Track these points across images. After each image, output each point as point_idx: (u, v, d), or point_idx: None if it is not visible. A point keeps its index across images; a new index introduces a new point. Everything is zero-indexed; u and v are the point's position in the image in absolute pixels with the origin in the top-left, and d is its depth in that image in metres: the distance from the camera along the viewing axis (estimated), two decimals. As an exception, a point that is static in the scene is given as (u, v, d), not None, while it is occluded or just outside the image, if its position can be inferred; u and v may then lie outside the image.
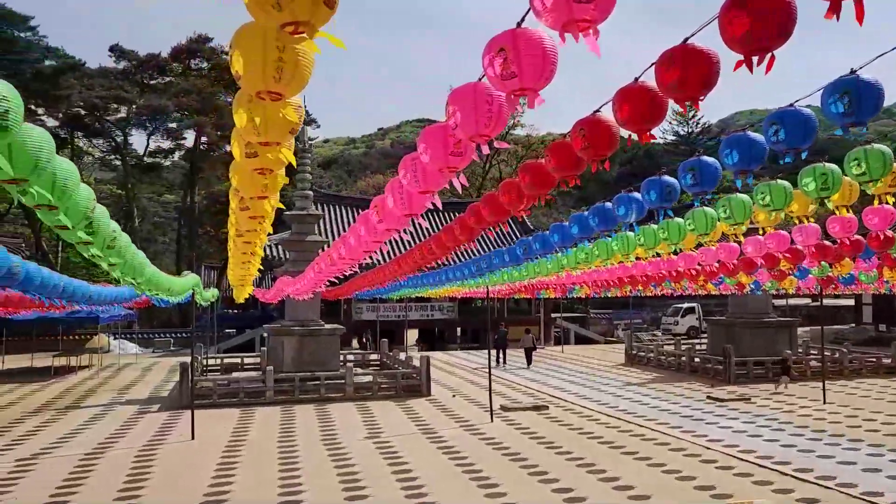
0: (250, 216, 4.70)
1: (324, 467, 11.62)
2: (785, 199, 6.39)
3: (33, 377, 25.22)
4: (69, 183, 3.60)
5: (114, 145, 57.87)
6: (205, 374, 22.67)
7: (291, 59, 2.68)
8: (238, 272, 11.06)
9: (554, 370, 26.48)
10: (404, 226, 5.42)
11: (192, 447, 13.29)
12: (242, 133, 3.24)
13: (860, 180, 5.58)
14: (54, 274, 8.05)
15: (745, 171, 5.15)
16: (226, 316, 41.96)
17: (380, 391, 19.45)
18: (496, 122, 3.53)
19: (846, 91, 4.11)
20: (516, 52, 3.00)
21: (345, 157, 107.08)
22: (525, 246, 9.56)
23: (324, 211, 36.96)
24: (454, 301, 38.53)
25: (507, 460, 11.91)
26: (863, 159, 5.36)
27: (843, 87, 4.13)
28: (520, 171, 5.73)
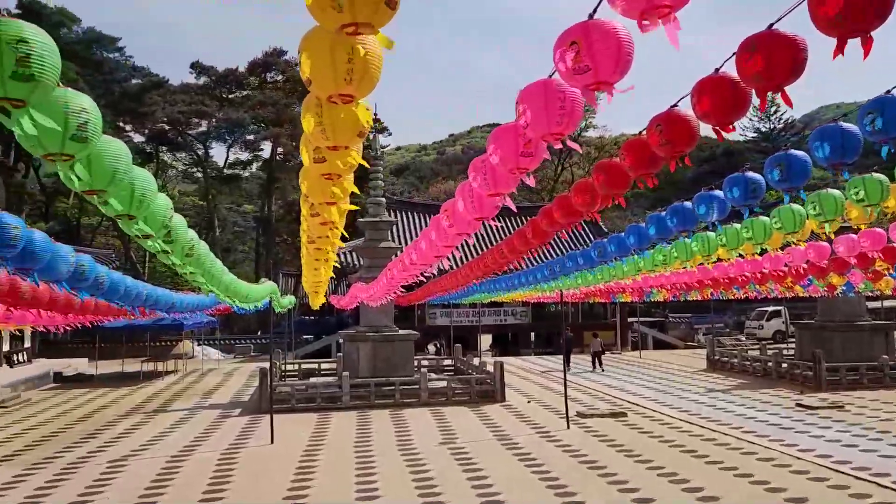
0: (321, 222, 4.71)
1: (399, 473, 11.63)
2: (881, 193, 5.97)
3: (123, 382, 26.41)
4: (147, 193, 3.67)
5: (195, 158, 60.29)
6: (283, 379, 23.17)
7: (361, 59, 2.64)
8: (311, 278, 11.23)
9: (631, 376, 25.85)
10: (475, 230, 5.33)
11: (271, 451, 13.55)
12: (311, 138, 3.23)
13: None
14: (138, 283, 8.36)
15: (838, 165, 4.83)
16: (303, 322, 42.87)
17: (454, 397, 19.40)
18: (569, 120, 3.40)
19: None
20: (589, 44, 2.87)
21: (416, 163, 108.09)
22: (599, 248, 9.32)
23: (396, 217, 37.33)
24: (527, 305, 38.19)
25: (585, 468, 11.63)
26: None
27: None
28: (594, 171, 5.55)
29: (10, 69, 2.23)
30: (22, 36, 2.25)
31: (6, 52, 2.22)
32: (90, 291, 6.45)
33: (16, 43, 2.23)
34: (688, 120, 4.14)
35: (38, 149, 2.77)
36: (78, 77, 44.56)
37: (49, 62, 2.33)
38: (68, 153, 2.83)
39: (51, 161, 2.89)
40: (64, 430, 16.55)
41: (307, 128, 3.09)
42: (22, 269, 4.78)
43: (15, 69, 2.23)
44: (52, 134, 2.69)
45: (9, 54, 2.22)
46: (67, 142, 2.77)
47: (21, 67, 2.24)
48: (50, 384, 26.97)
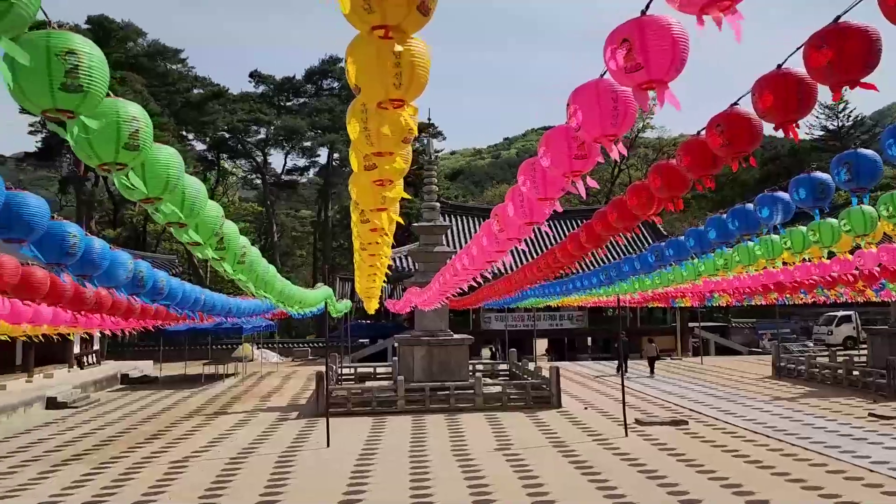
0: (371, 228, 4.69)
1: (454, 478, 11.57)
2: (962, 192, 5.62)
3: (186, 384, 27.14)
4: (198, 200, 3.71)
5: (254, 165, 61.70)
6: (339, 382, 23.41)
7: (408, 62, 2.59)
8: (365, 283, 11.28)
9: (692, 383, 25.18)
10: (526, 234, 5.23)
11: (327, 454, 13.68)
12: (356, 144, 3.20)
13: None
14: (196, 288, 8.55)
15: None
16: (359, 326, 43.30)
17: (509, 402, 19.25)
18: (622, 121, 3.28)
19: None
20: (642, 41, 2.75)
21: (471, 168, 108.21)
22: (657, 252, 9.07)
23: (451, 222, 37.35)
24: (584, 310, 37.66)
25: (644, 477, 11.34)
26: None
27: None
28: (650, 173, 5.38)
29: (59, 80, 2.26)
30: (71, 47, 2.28)
31: (55, 63, 2.25)
32: (149, 297, 6.63)
33: (65, 55, 2.26)
34: (749, 119, 3.96)
35: (93, 159, 2.81)
36: (143, 88, 46.20)
37: (97, 73, 2.36)
38: (122, 162, 2.86)
39: (105, 171, 2.93)
40: (129, 430, 17.08)
41: (353, 134, 3.07)
42: (82, 275, 4.94)
43: (64, 80, 2.27)
44: (105, 144, 2.73)
45: (58, 66, 2.25)
46: (120, 151, 2.81)
47: (70, 78, 2.28)
48: (117, 385, 27.95)
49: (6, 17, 1.97)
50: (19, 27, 2.05)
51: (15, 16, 1.98)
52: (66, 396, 21.95)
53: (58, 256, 4.24)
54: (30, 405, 20.28)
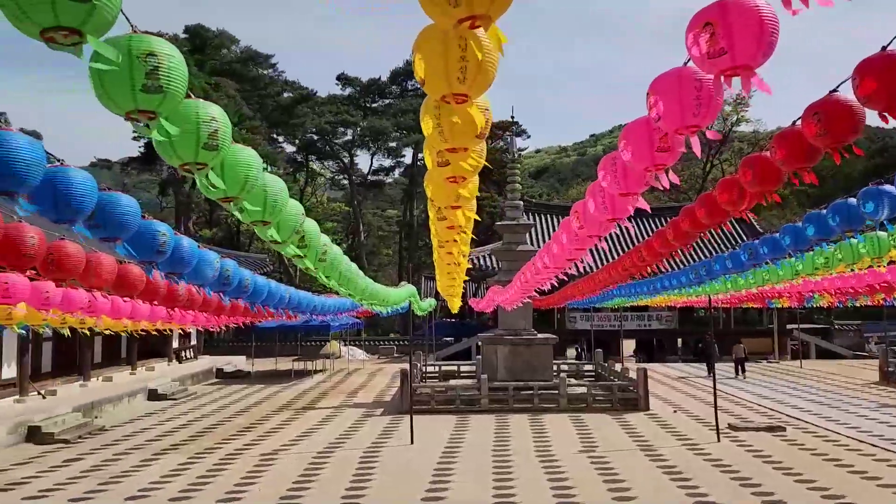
0: (447, 226, 4.67)
1: (537, 479, 11.44)
2: None
3: (276, 379, 28.06)
4: (279, 199, 3.79)
5: (342, 166, 63.15)
6: (424, 380, 23.61)
7: (474, 57, 2.54)
8: (445, 281, 11.30)
9: (790, 387, 23.98)
10: (607, 232, 5.08)
11: (411, 451, 13.80)
12: (430, 141, 3.17)
13: None
14: (281, 286, 8.79)
15: None
16: (444, 325, 43.57)
17: (594, 403, 18.88)
18: (706, 110, 3.11)
19: None
20: (726, 24, 2.59)
21: (556, 165, 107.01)
22: (751, 250, 8.66)
23: (534, 220, 37.02)
24: (673, 310, 36.53)
25: (737, 485, 10.86)
26: None
27: None
28: (741, 166, 5.13)
29: (140, 82, 2.34)
30: (151, 49, 2.36)
31: (137, 66, 2.33)
32: (235, 294, 6.86)
33: (145, 57, 2.34)
34: (850, 107, 3.70)
35: (174, 158, 2.90)
36: (236, 93, 48.09)
37: (177, 74, 2.43)
38: (201, 161, 2.95)
39: (186, 170, 3.02)
40: (223, 422, 17.78)
41: (426, 130, 3.05)
42: (171, 273, 5.15)
43: (145, 82, 2.34)
44: (186, 144, 2.82)
45: (139, 68, 2.33)
46: (200, 150, 2.89)
47: (150, 80, 2.35)
48: (212, 379, 29.20)
49: (91, 19, 2.05)
50: (103, 28, 2.13)
51: (99, 17, 2.06)
52: (166, 389, 23.11)
53: (149, 254, 4.43)
54: (133, 396, 21.46)
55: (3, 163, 3.07)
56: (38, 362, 19.35)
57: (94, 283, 5.55)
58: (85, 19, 2.03)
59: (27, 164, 3.13)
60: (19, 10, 1.94)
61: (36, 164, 3.18)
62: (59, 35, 2.03)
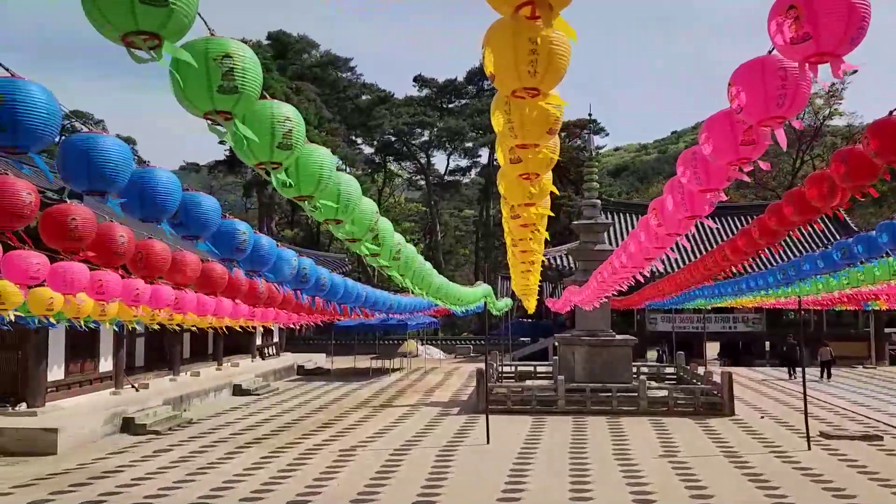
0: (521, 224, 4.62)
1: (616, 483, 11.21)
2: None
3: (355, 376, 28.58)
4: (352, 197, 3.83)
5: (419, 166, 63.74)
6: (500, 380, 23.54)
7: (545, 49, 2.49)
8: (519, 281, 11.21)
9: (889, 394, 22.64)
10: (687, 229, 4.90)
11: (487, 451, 13.77)
12: (501, 137, 3.14)
13: None
14: (357, 285, 8.93)
15: None
16: (520, 325, 43.31)
17: (676, 407, 18.35)
18: (792, 101, 2.94)
19: None
20: (811, 7, 2.44)
21: (636, 164, 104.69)
22: (845, 249, 8.21)
23: (613, 219, 36.30)
24: (761, 312, 35.10)
25: (829, 496, 10.34)
26: None
27: None
28: (832, 160, 4.85)
29: (217, 83, 2.41)
30: (227, 52, 2.42)
31: (213, 67, 2.40)
32: (312, 292, 7.01)
33: (221, 59, 2.40)
34: (954, 92, 3.44)
35: (250, 158, 2.98)
36: (317, 97, 49.28)
37: (251, 74, 2.49)
38: (276, 161, 3.01)
39: (262, 169, 3.09)
40: (304, 418, 18.24)
41: (496, 126, 3.01)
42: (251, 270, 5.32)
43: (221, 83, 2.41)
44: (261, 143, 2.88)
45: (215, 69, 2.40)
46: (275, 150, 2.95)
47: (226, 81, 2.42)
48: (294, 376, 30.02)
49: (169, 23, 2.12)
50: (181, 32, 2.20)
51: (176, 21, 2.14)
52: (250, 384, 23.90)
53: (230, 252, 4.58)
54: (219, 391, 22.29)
55: (94, 164, 3.23)
56: (131, 357, 20.35)
57: (180, 279, 5.78)
58: (163, 23, 2.10)
59: (116, 165, 3.28)
60: (101, 15, 2.02)
61: (124, 164, 3.33)
62: (138, 39, 2.11)
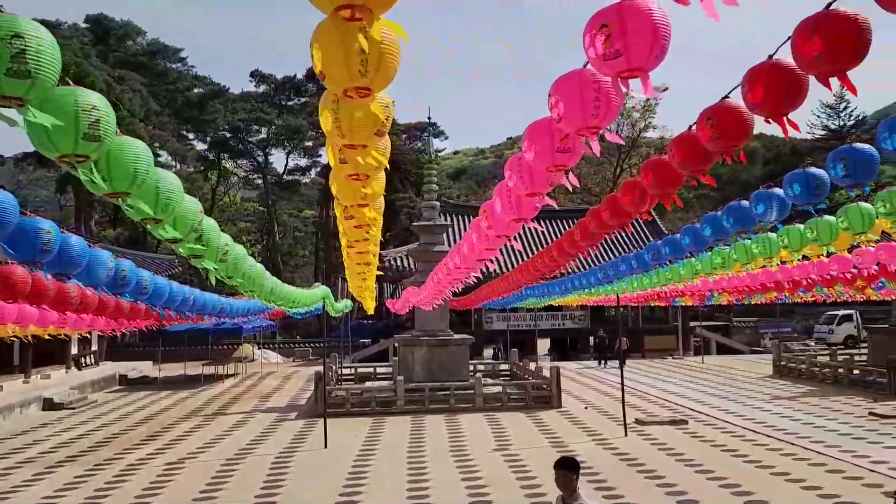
0: (355, 225, 4.59)
1: (452, 479, 11.46)
2: (961, 188, 5.50)
3: (185, 384, 27.05)
4: (172, 195, 3.61)
5: (256, 164, 61.59)
6: (339, 383, 23.33)
7: (375, 49, 2.48)
8: (356, 282, 11.16)
9: (693, 382, 25.03)
10: (515, 231, 5.12)
11: (325, 455, 13.58)
12: (330, 137, 3.09)
13: None
14: (185, 288, 8.45)
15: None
16: (361, 326, 43.19)
17: (509, 402, 19.13)
18: (605, 112, 3.16)
19: None
20: (621, 27, 2.64)
21: (474, 167, 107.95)
22: (654, 251, 8.96)
23: (452, 221, 37.22)
24: (585, 309, 37.53)
25: (643, 478, 11.23)
26: None
27: None
28: (642, 169, 5.28)
29: (5, 66, 2.15)
30: (17, 31, 2.18)
31: (1, 48, 2.14)
32: (133, 296, 6.52)
33: (10, 38, 2.16)
34: (740, 112, 3.85)
35: (51, 150, 2.70)
36: (143, 87, 46.11)
37: (47, 58, 2.25)
38: (82, 153, 2.75)
39: (66, 163, 2.83)
40: (125, 431, 16.99)
41: (325, 126, 2.96)
42: (60, 274, 4.84)
43: (10, 66, 2.16)
44: (63, 133, 2.62)
45: (3, 51, 2.15)
46: (80, 142, 2.70)
47: (17, 63, 2.17)
48: (116, 386, 27.88)
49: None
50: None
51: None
52: (63, 397, 21.87)
53: (31, 254, 4.13)
54: (26, 406, 20.21)
55: None
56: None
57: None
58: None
59: None
60: None
61: None
62: None
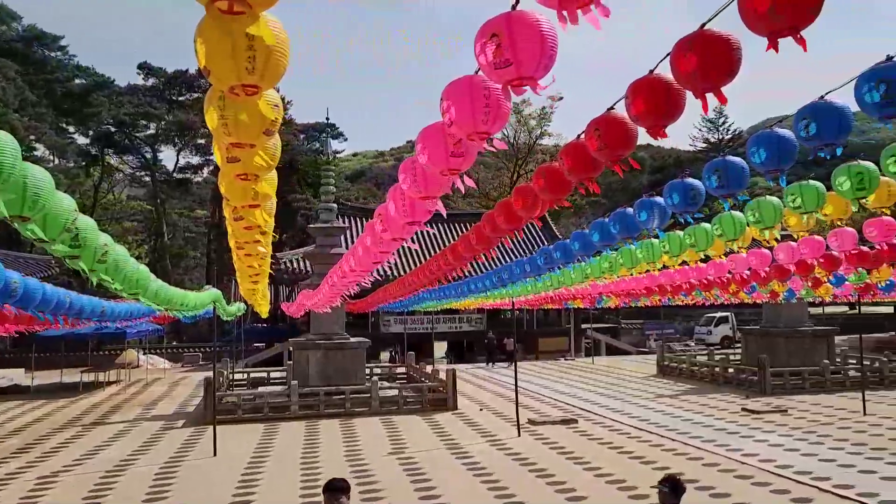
0: (244, 227, 4.46)
1: (344, 485, 11.34)
2: (817, 200, 5.99)
3: (62, 393, 25.38)
4: (42, 191, 3.39)
5: (143, 161, 58.74)
6: (231, 388, 22.61)
7: (263, 45, 2.42)
8: (247, 286, 10.85)
9: (584, 382, 25.94)
10: (409, 234, 5.13)
11: (213, 463, 13.12)
12: (216, 135, 2.99)
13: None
14: (60, 290, 7.93)
15: (775, 171, 4.79)
16: (255, 330, 42.03)
17: (405, 405, 19.16)
18: (495, 118, 3.23)
19: (883, 79, 3.75)
20: (511, 37, 2.71)
21: (373, 170, 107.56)
22: (546, 255, 9.22)
23: (350, 223, 36.91)
24: (482, 312, 38.13)
25: (534, 476, 11.52)
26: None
27: (879, 75, 3.77)
28: (534, 176, 5.43)
29: None
30: None
31: None
32: (1, 299, 6.05)
33: None
34: (625, 123, 4.03)
35: None
36: (17, 76, 43.02)
37: None
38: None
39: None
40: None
41: (210, 123, 2.87)
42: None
43: None
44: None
45: None
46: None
47: None
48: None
49: None
50: None
51: None
52: (-78, 409, 20.05)
53: None
54: None
55: None
56: None
57: None
58: None
59: None
60: None
61: None
62: None
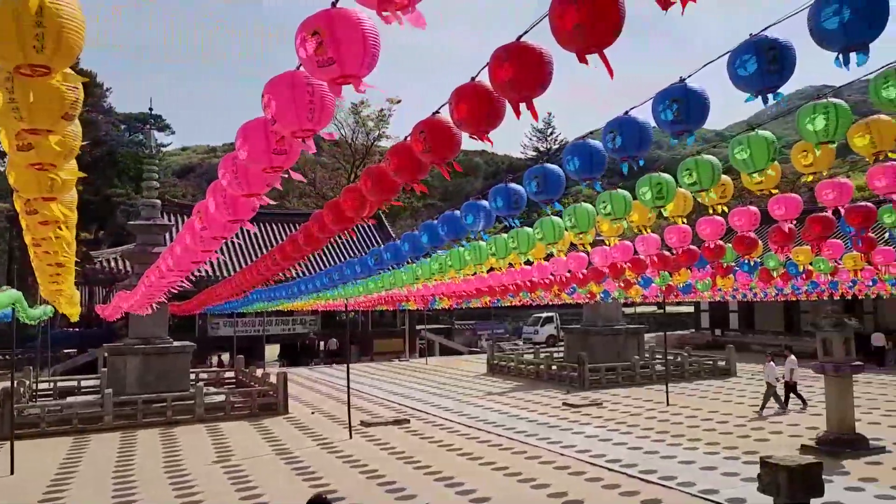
0: (40, 221, 4.06)
1: (163, 497, 10.69)
2: (625, 207, 6.50)
3: None
4: None
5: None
6: (34, 399, 20.56)
7: (53, 22, 2.22)
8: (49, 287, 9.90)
9: (417, 382, 26.33)
10: (232, 233, 4.94)
11: (10, 482, 11.87)
12: (4, 119, 2.70)
13: (692, 190, 5.74)
14: None
15: (587, 178, 5.14)
16: (65, 335, 38.46)
17: (233, 411, 18.42)
18: (320, 115, 3.20)
19: (676, 99, 4.15)
20: (333, 35, 2.69)
21: (204, 166, 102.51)
22: (376, 256, 9.26)
23: (175, 221, 34.86)
24: (317, 314, 37.54)
25: (364, 478, 11.52)
26: (694, 169, 5.53)
27: (672, 95, 4.16)
28: (362, 176, 5.44)
29: None
30: None
31: None
32: None
33: None
34: (450, 127, 4.13)
35: None
36: None
37: None
38: None
39: None
40: None
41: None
42: None
43: None
44: None
45: None
46: None
47: None
48: None
49: None
50: None
51: None
52: None
53: None
54: None
55: None
56: None
57: None
58: None
59: None
60: None
61: None
62: None
